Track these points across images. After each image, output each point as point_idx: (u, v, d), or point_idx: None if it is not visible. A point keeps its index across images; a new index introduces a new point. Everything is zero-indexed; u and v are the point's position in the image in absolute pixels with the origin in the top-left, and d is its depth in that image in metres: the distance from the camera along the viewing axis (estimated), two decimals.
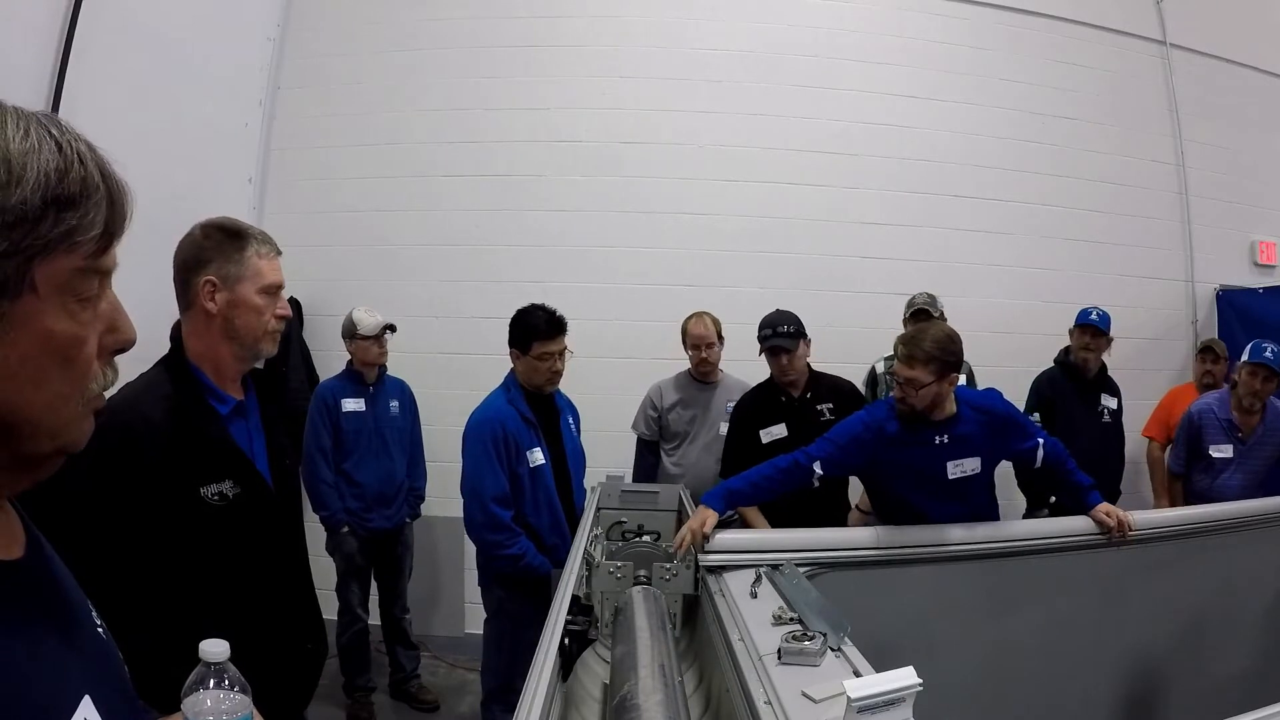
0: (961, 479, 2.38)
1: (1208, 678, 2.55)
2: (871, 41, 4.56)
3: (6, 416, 0.54)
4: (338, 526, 3.43)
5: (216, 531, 1.40)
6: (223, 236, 1.49)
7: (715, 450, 3.35)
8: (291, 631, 1.58)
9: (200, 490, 1.40)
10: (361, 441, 3.48)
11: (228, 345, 1.48)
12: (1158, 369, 4.63)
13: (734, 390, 3.43)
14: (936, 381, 2.28)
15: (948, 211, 4.51)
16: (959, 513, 2.37)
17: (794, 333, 3.06)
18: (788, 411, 3.13)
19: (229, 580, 1.42)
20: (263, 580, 1.49)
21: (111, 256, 0.58)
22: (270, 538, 1.53)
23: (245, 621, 1.35)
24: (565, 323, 2.69)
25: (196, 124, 3.90)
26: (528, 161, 4.42)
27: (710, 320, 3.40)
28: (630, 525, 2.64)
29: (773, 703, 1.27)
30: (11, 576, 0.57)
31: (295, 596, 1.61)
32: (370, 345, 3.45)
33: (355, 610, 3.51)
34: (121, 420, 1.33)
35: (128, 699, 0.67)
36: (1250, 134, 4.97)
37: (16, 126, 0.52)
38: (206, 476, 1.41)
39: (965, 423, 2.38)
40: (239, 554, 1.44)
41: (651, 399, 3.50)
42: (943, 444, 2.36)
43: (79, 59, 3.00)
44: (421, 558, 3.90)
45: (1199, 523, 2.69)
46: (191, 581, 1.37)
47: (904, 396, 2.31)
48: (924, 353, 2.26)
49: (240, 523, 1.44)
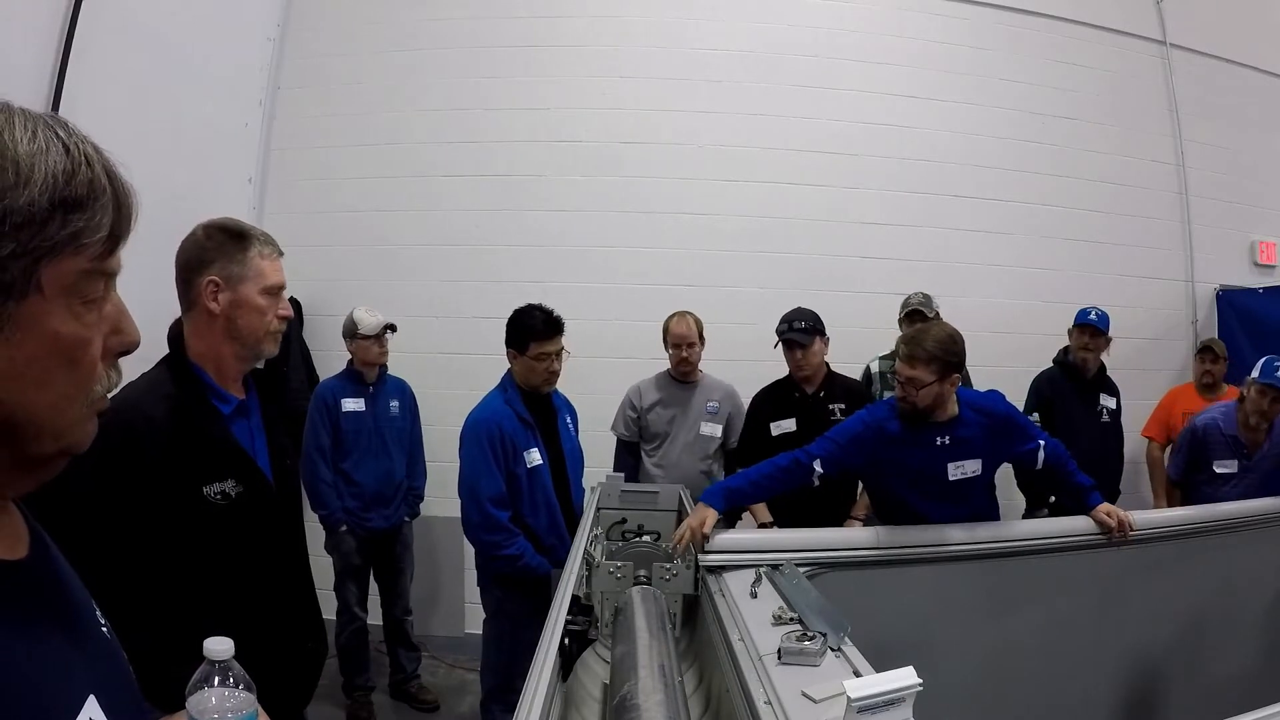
0: (962, 480, 2.38)
1: (1208, 678, 2.55)
2: (871, 41, 4.56)
3: (11, 417, 0.54)
4: (336, 526, 3.43)
5: (219, 530, 1.40)
6: (225, 237, 1.49)
7: (696, 450, 3.37)
8: (292, 630, 1.58)
9: (203, 489, 1.40)
10: (360, 441, 3.48)
11: (230, 345, 1.49)
12: (1158, 369, 4.63)
13: (713, 390, 3.46)
14: (938, 381, 2.27)
15: (948, 211, 4.51)
16: (959, 514, 2.37)
17: (808, 328, 3.12)
18: (800, 407, 3.20)
19: (231, 579, 1.42)
20: (264, 579, 1.49)
21: (117, 259, 0.58)
22: (272, 536, 1.53)
23: (247, 620, 1.34)
24: (562, 323, 2.69)
25: (196, 124, 3.90)
26: (528, 161, 4.42)
27: (692, 320, 3.41)
28: (630, 525, 2.64)
29: (773, 703, 1.27)
30: (16, 576, 0.57)
31: (296, 595, 1.62)
32: (370, 345, 3.45)
33: (353, 609, 3.50)
34: (124, 419, 1.32)
35: (133, 699, 0.67)
36: (1250, 134, 4.97)
37: (24, 128, 0.52)
38: (209, 476, 1.41)
39: (967, 425, 2.38)
40: (241, 553, 1.44)
41: (630, 399, 3.47)
42: (944, 445, 2.36)
43: (79, 59, 3.00)
44: (421, 558, 3.90)
45: (1199, 523, 2.69)
46: (194, 580, 1.37)
47: (905, 395, 2.31)
48: (926, 352, 2.26)
49: (243, 522, 1.44)
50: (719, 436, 3.41)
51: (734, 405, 3.47)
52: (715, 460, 3.43)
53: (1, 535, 0.58)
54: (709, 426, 3.39)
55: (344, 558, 3.48)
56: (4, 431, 0.55)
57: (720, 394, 3.45)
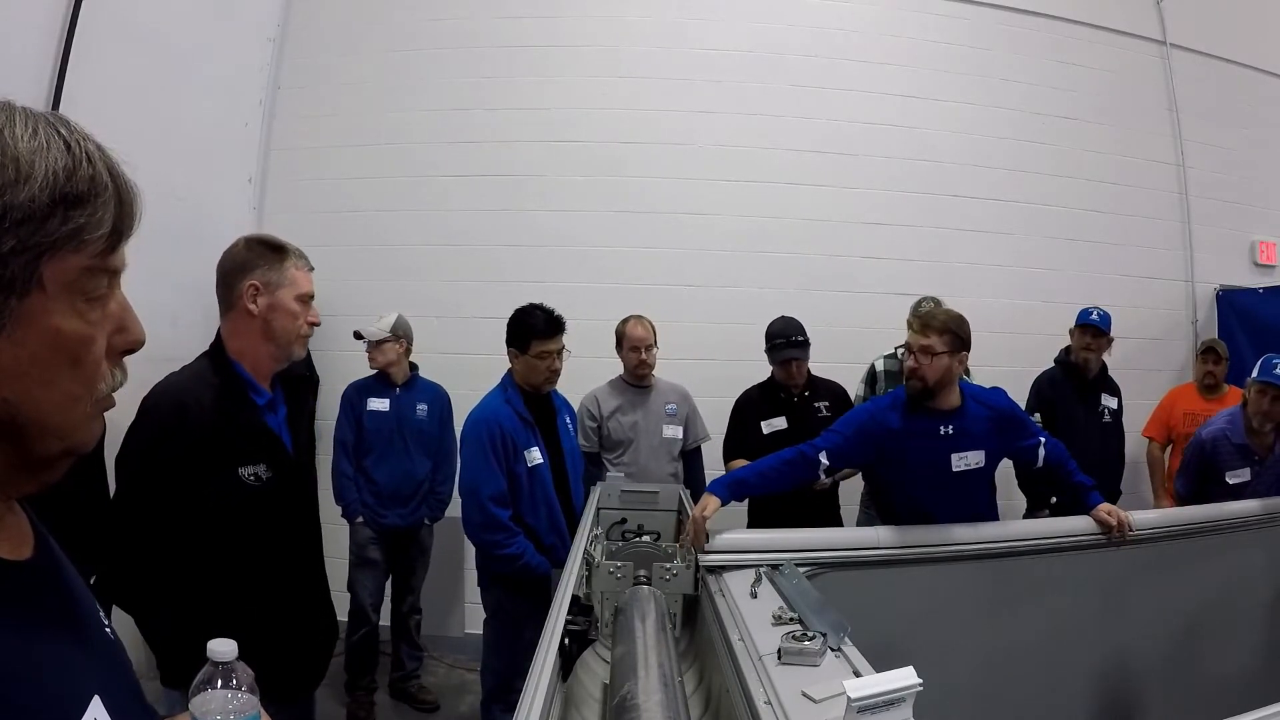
0: (965, 472, 2.41)
1: (1208, 677, 2.55)
2: (871, 41, 4.56)
3: (15, 416, 0.54)
4: (352, 517, 3.53)
5: (249, 509, 1.56)
6: (265, 249, 1.67)
7: (662, 453, 3.39)
8: (308, 609, 1.73)
9: (239, 470, 1.55)
10: (382, 440, 3.56)
11: (265, 345, 1.65)
12: (1158, 369, 4.63)
13: (668, 393, 3.49)
14: (949, 354, 2.32)
15: (948, 211, 4.50)
16: (961, 509, 2.39)
17: (804, 341, 3.23)
18: (788, 406, 3.30)
19: (256, 556, 1.57)
20: (285, 558, 1.65)
21: (120, 256, 0.58)
22: (294, 519, 1.69)
23: (267, 597, 1.56)
24: (563, 321, 2.70)
25: (196, 124, 3.89)
26: (528, 161, 4.42)
27: (649, 323, 3.44)
28: (630, 525, 2.64)
29: (773, 703, 1.27)
30: (22, 576, 0.57)
31: (311, 576, 1.78)
32: (375, 352, 3.55)
33: (366, 611, 3.53)
34: (177, 399, 1.51)
35: (136, 699, 0.67)
36: (1250, 134, 4.96)
37: (25, 126, 0.53)
38: (245, 458, 1.56)
39: (971, 416, 2.41)
40: (267, 531, 1.59)
41: (588, 408, 3.44)
42: (948, 435, 2.39)
43: (79, 59, 2.99)
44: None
45: (1199, 523, 2.69)
46: (222, 555, 1.51)
47: (916, 368, 2.35)
48: (939, 323, 2.35)
49: (271, 504, 1.59)
50: (680, 438, 3.44)
51: (690, 406, 3.53)
52: (678, 462, 3.45)
53: (7, 536, 0.58)
54: (670, 429, 3.43)
55: (358, 549, 3.53)
56: (8, 431, 0.54)
57: (676, 396, 3.50)
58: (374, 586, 3.57)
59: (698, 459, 3.54)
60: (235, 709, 0.69)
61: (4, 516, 0.58)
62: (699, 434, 3.52)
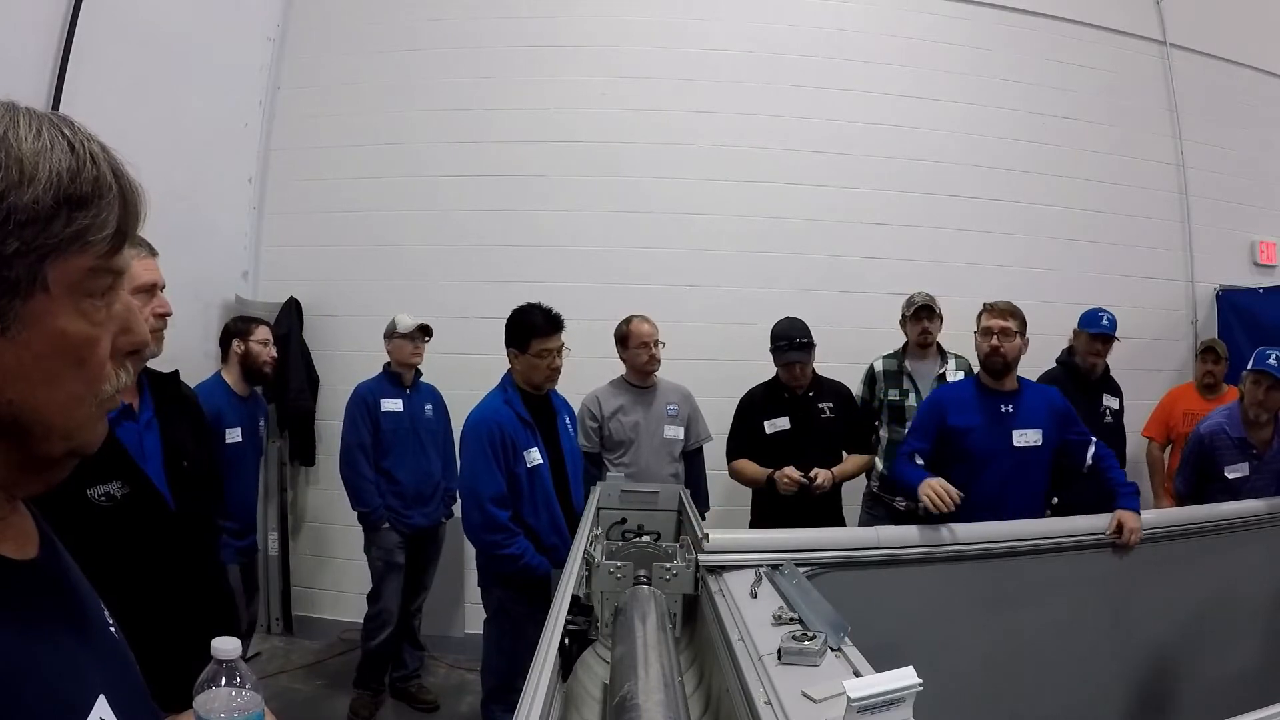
0: (1025, 449, 2.63)
1: (1208, 677, 2.56)
2: (871, 41, 4.55)
3: (20, 417, 0.54)
4: (378, 523, 3.46)
5: (104, 533, 1.36)
6: None
7: (663, 453, 3.37)
8: (186, 627, 1.49)
9: (87, 492, 1.38)
10: (399, 440, 3.54)
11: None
12: (1158, 369, 4.63)
13: (670, 393, 3.47)
14: (1019, 335, 2.69)
15: (948, 211, 4.50)
16: (1019, 490, 2.61)
17: (809, 343, 3.23)
18: (792, 406, 3.29)
19: (116, 582, 1.37)
20: (152, 581, 1.44)
21: (124, 257, 0.58)
22: (162, 539, 1.51)
23: (142, 620, 1.29)
24: (562, 320, 2.70)
25: (196, 124, 3.90)
26: (528, 161, 4.41)
27: (652, 322, 3.44)
28: (630, 525, 2.64)
29: (773, 703, 1.27)
30: (27, 576, 0.57)
31: (190, 595, 1.58)
32: (405, 343, 3.52)
33: (394, 613, 3.51)
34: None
35: (142, 699, 0.67)
36: (1250, 134, 4.96)
37: (29, 127, 0.52)
38: (93, 478, 1.39)
39: (1029, 398, 2.72)
40: (127, 555, 1.39)
41: (589, 409, 3.41)
42: (1008, 413, 2.66)
43: (79, 58, 3.00)
44: None
45: (1199, 523, 2.69)
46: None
47: (999, 346, 2.66)
48: (1010, 307, 2.73)
49: (129, 524, 1.42)
50: (681, 439, 3.43)
51: (692, 406, 3.52)
52: (679, 462, 3.44)
53: (12, 535, 0.58)
54: (672, 429, 3.41)
55: (386, 554, 3.50)
56: (13, 432, 0.55)
57: (678, 396, 3.48)
58: (401, 590, 3.56)
59: (699, 459, 3.53)
60: (239, 707, 0.69)
61: (9, 517, 0.59)
62: (700, 434, 3.51)
